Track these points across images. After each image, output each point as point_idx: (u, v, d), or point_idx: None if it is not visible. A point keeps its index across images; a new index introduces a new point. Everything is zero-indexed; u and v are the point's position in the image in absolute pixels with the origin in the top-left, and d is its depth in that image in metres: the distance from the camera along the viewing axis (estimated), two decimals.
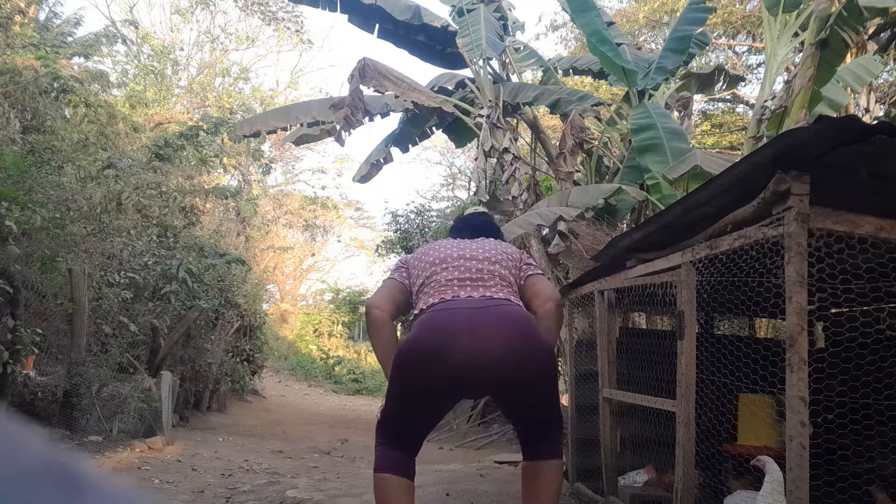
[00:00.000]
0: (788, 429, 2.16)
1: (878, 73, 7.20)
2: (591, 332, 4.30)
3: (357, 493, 4.35)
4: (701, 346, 2.96)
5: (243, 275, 11.98)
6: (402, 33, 8.19)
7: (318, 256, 27.55)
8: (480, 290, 2.44)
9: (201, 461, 6.08)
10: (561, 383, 9.98)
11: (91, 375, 6.42)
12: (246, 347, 12.96)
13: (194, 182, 10.94)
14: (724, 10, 12.16)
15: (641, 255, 3.28)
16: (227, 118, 11.93)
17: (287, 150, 21.47)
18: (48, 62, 8.54)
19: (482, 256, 2.56)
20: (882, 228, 2.21)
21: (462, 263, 2.52)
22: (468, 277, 2.48)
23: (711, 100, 13.44)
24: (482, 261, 2.54)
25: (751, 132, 6.25)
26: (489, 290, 2.44)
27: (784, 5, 6.04)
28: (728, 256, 2.59)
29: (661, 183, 5.54)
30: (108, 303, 7.12)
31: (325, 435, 10.10)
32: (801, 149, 2.12)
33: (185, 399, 9.37)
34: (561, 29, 15.16)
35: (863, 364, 2.87)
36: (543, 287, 2.58)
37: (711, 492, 3.04)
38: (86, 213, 7.57)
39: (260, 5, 17.26)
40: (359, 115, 7.15)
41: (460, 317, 2.33)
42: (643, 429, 3.55)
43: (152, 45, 16.75)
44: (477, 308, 2.36)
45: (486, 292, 2.43)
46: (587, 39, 6.58)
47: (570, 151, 6.75)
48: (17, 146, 7.46)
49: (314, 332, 23.91)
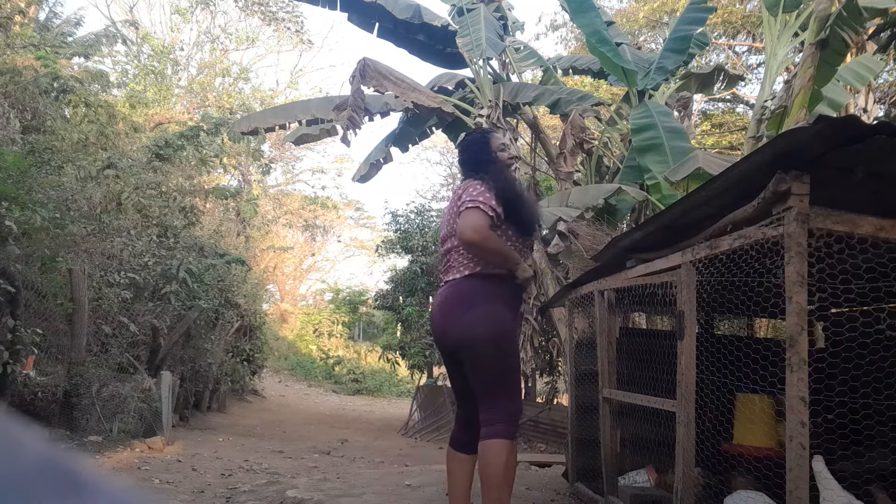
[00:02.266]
0: (788, 429, 2.16)
1: (878, 72, 7.20)
2: (591, 332, 4.29)
3: (357, 493, 4.35)
4: (701, 346, 2.96)
5: (243, 275, 11.99)
6: (402, 32, 8.19)
7: (318, 256, 27.57)
8: (443, 274, 2.88)
9: (201, 461, 6.08)
10: (561, 383, 10.00)
11: (91, 375, 6.41)
12: (246, 347, 12.97)
13: (194, 182, 10.95)
14: (724, 10, 12.17)
15: (641, 255, 3.28)
16: (227, 118, 11.93)
17: (287, 150, 21.48)
18: (48, 62, 8.54)
19: (444, 235, 2.89)
20: (882, 228, 2.21)
21: (440, 248, 2.95)
22: (441, 263, 2.93)
23: (711, 100, 13.45)
24: (444, 241, 2.88)
25: (751, 132, 6.26)
26: (445, 274, 2.85)
27: (784, 5, 6.04)
28: (728, 256, 2.59)
29: (661, 183, 5.54)
30: (108, 303, 7.12)
31: (325, 435, 10.10)
32: (801, 149, 2.12)
33: (185, 399, 9.38)
34: (561, 29, 15.17)
35: (863, 364, 2.87)
36: (459, 226, 2.69)
37: (711, 492, 3.04)
38: (86, 213, 7.57)
39: (260, 5, 17.27)
40: (361, 115, 7.16)
41: (435, 301, 2.91)
42: (643, 429, 3.55)
43: (152, 45, 16.76)
44: (439, 294, 2.87)
45: (444, 276, 2.86)
46: (587, 39, 6.58)
47: (570, 151, 6.75)
48: (17, 146, 7.46)
49: (314, 332, 23.91)
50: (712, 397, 3.05)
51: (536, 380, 10.71)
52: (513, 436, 2.63)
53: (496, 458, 2.58)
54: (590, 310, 4.19)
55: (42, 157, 7.65)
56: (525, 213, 2.80)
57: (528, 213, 2.84)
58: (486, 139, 2.95)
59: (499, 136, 2.99)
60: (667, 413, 3.02)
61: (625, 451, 3.84)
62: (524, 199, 2.88)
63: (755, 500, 2.76)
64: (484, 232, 2.60)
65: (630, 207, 6.47)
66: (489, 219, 2.63)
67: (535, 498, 4.16)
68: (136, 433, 6.51)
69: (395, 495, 4.28)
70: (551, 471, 5.78)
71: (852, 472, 2.77)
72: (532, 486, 4.52)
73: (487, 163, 2.87)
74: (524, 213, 2.79)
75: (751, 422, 3.27)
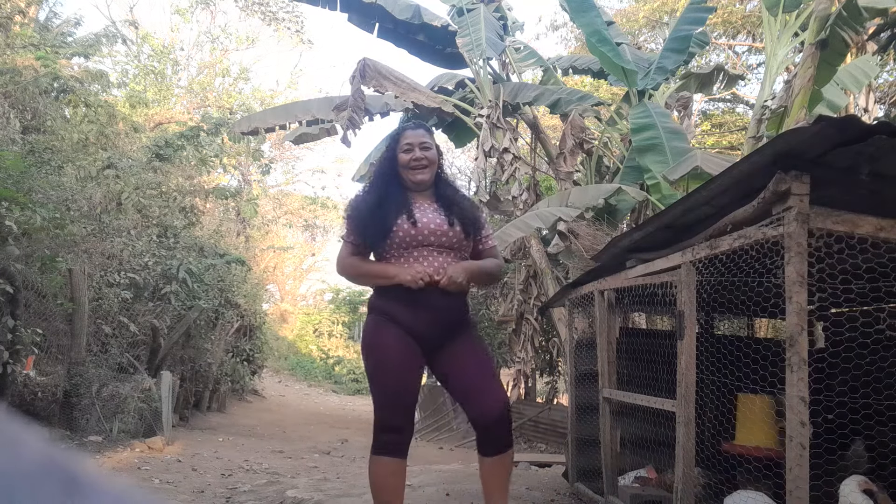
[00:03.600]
0: (788, 429, 2.16)
1: (875, 74, 7.20)
2: (591, 332, 4.30)
3: (357, 493, 4.35)
4: (701, 346, 2.96)
5: (243, 275, 11.99)
6: (402, 33, 8.19)
7: (318, 256, 27.55)
8: None
9: (201, 461, 6.08)
10: (561, 383, 10.00)
11: (91, 375, 6.41)
12: (246, 347, 12.96)
13: (194, 182, 10.94)
14: (724, 10, 12.17)
15: (641, 255, 3.28)
16: (227, 118, 11.93)
17: (287, 150, 21.48)
18: (48, 62, 8.53)
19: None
20: (882, 228, 2.21)
21: None
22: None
23: (711, 100, 13.44)
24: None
25: (751, 132, 6.26)
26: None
27: (784, 5, 6.04)
28: (728, 256, 2.59)
29: (661, 183, 5.54)
30: (108, 303, 7.12)
31: (325, 435, 10.10)
32: (801, 149, 2.12)
33: (185, 399, 9.38)
34: (561, 29, 15.17)
35: (863, 364, 2.87)
36: None
37: (711, 492, 3.04)
38: (86, 213, 7.57)
39: (260, 5, 17.26)
40: (361, 115, 7.16)
41: None
42: (643, 429, 3.55)
43: (152, 45, 16.76)
44: None
45: None
46: (587, 39, 6.58)
47: (570, 151, 6.75)
48: (17, 146, 7.45)
49: (314, 332, 23.91)
50: (712, 397, 3.05)
51: (536, 380, 10.71)
52: (378, 451, 2.48)
53: (371, 475, 2.51)
54: (590, 310, 4.19)
55: (42, 157, 7.64)
56: (373, 220, 2.56)
57: (377, 218, 2.56)
58: (396, 137, 2.71)
59: (414, 133, 2.67)
60: (667, 413, 3.02)
61: (625, 451, 3.84)
62: (373, 205, 2.59)
63: (755, 500, 2.77)
64: (341, 263, 2.65)
65: (630, 207, 6.48)
66: (348, 247, 2.63)
67: (535, 498, 4.16)
68: (136, 433, 6.51)
69: None
70: (551, 471, 5.79)
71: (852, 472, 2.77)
72: (532, 486, 4.52)
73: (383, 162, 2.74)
74: (371, 219, 2.56)
75: (751, 422, 3.28)
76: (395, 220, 2.53)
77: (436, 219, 2.58)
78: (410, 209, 2.57)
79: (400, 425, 2.47)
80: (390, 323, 2.50)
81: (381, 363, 2.50)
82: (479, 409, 2.49)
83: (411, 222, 2.52)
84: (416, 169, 2.62)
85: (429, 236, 2.54)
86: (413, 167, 2.62)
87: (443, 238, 2.56)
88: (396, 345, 2.47)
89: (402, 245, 2.53)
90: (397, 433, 2.46)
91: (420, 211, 2.58)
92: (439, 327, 2.52)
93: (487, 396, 2.50)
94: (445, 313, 2.53)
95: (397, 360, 2.47)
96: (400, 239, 2.52)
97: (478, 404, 2.50)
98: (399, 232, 2.52)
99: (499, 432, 2.49)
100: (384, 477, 2.47)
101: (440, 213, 2.61)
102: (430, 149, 2.66)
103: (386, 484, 2.47)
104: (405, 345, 2.48)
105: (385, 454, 2.46)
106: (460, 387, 2.57)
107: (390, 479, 2.48)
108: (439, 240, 2.55)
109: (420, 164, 2.61)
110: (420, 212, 2.58)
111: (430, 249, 2.54)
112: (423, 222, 2.55)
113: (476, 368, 2.56)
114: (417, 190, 2.65)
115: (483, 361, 2.62)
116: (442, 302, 2.50)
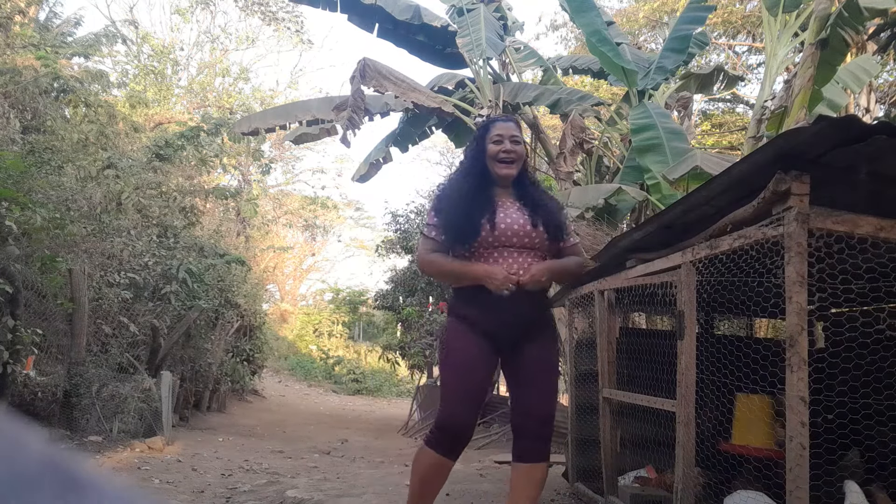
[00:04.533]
0: (788, 429, 2.16)
1: (876, 74, 7.20)
2: (591, 332, 4.29)
3: (357, 493, 4.35)
4: (701, 346, 2.96)
5: (243, 275, 11.98)
6: (402, 33, 8.19)
7: (318, 256, 27.57)
8: None
9: (201, 461, 6.07)
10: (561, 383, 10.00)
11: (91, 375, 6.41)
12: (246, 347, 12.96)
13: (194, 182, 10.94)
14: (724, 9, 12.17)
15: (641, 255, 3.28)
16: (227, 118, 11.92)
17: (287, 150, 21.47)
18: (48, 62, 8.53)
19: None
20: (882, 228, 2.21)
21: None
22: None
23: (711, 100, 13.44)
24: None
25: (751, 132, 6.26)
26: None
27: (784, 5, 6.04)
28: (728, 256, 2.59)
29: (661, 183, 5.54)
30: (108, 303, 7.11)
31: (325, 435, 10.09)
32: (801, 149, 2.12)
33: (185, 399, 9.37)
34: (561, 29, 15.17)
35: (863, 364, 2.87)
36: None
37: (711, 492, 3.04)
38: (86, 213, 7.56)
39: (260, 5, 17.26)
40: (361, 115, 7.16)
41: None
42: (643, 429, 3.55)
43: (152, 45, 16.76)
44: None
45: None
46: (587, 39, 6.58)
47: (570, 151, 6.75)
48: (17, 146, 7.45)
49: (314, 332, 23.89)
50: (712, 397, 3.05)
51: None
52: (430, 443, 2.53)
53: (414, 462, 2.59)
54: (590, 310, 4.19)
55: (42, 157, 7.64)
56: (457, 220, 2.54)
57: (461, 219, 2.54)
58: (487, 127, 2.70)
59: (505, 126, 2.66)
60: (667, 413, 3.02)
61: (625, 451, 3.84)
62: (458, 204, 2.58)
63: (755, 500, 2.76)
64: (423, 258, 2.63)
65: (630, 207, 6.47)
66: (430, 242, 2.59)
67: None
68: (136, 433, 6.50)
69: (395, 495, 4.28)
70: (551, 470, 5.77)
71: (851, 472, 2.77)
72: None
73: (470, 156, 2.72)
74: (456, 219, 2.55)
75: (751, 422, 3.27)
76: (479, 221, 2.52)
77: (519, 219, 2.56)
78: (494, 210, 2.56)
79: (460, 427, 2.52)
80: (468, 327, 2.53)
81: (453, 367, 2.55)
82: (523, 417, 2.55)
83: (494, 224, 2.53)
84: (503, 162, 2.60)
85: (511, 237, 2.54)
86: (501, 159, 2.60)
87: (525, 239, 2.55)
88: (471, 350, 2.52)
89: (482, 245, 2.53)
90: (455, 434, 2.52)
91: (504, 211, 2.57)
92: (517, 328, 2.53)
93: (535, 409, 2.54)
94: (524, 314, 2.53)
95: (469, 366, 2.52)
96: (482, 239, 2.52)
97: (524, 412, 2.55)
98: (482, 232, 2.52)
99: (534, 444, 2.53)
100: (427, 468, 2.54)
101: (524, 212, 2.59)
102: (520, 144, 2.66)
103: (427, 476, 2.54)
104: (479, 349, 2.52)
105: (437, 450, 2.51)
106: (516, 395, 2.63)
107: (430, 472, 2.54)
108: (521, 241, 2.54)
109: (509, 157, 2.60)
110: (504, 212, 2.57)
111: (511, 250, 2.54)
112: (507, 223, 2.54)
113: (537, 386, 2.57)
114: (503, 185, 2.63)
115: (547, 378, 2.62)
116: (521, 302, 2.49)
